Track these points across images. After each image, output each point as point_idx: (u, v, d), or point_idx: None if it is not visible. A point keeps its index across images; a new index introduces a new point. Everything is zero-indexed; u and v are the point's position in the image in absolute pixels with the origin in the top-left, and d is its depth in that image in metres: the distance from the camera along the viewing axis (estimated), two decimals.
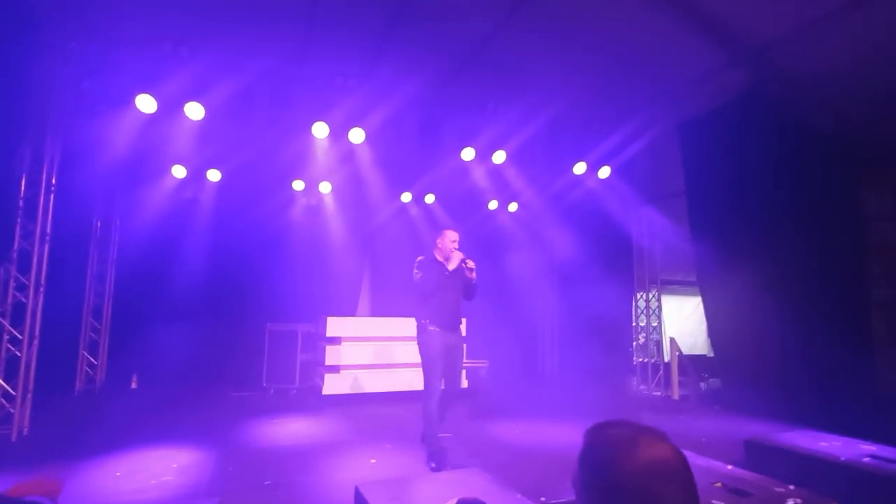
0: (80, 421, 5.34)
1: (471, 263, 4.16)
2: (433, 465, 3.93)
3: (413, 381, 6.68)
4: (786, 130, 5.54)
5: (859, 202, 5.49)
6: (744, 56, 5.31)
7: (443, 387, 4.22)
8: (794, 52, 5.02)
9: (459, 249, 4.25)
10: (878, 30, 4.42)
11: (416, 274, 4.13)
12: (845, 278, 5.29)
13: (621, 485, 0.85)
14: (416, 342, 4.19)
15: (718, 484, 2.82)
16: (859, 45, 4.67)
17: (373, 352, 6.85)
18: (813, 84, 5.38)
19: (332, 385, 6.59)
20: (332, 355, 6.67)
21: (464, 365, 7.23)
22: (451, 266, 4.14)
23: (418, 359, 4.16)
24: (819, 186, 5.41)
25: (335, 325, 6.79)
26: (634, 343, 8.40)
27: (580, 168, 7.09)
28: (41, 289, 4.85)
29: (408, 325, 6.86)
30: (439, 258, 4.24)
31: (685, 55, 5.44)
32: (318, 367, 6.97)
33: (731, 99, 5.85)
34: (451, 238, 4.23)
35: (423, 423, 4.11)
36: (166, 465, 3.93)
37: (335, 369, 6.67)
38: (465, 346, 4.37)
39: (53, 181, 5.02)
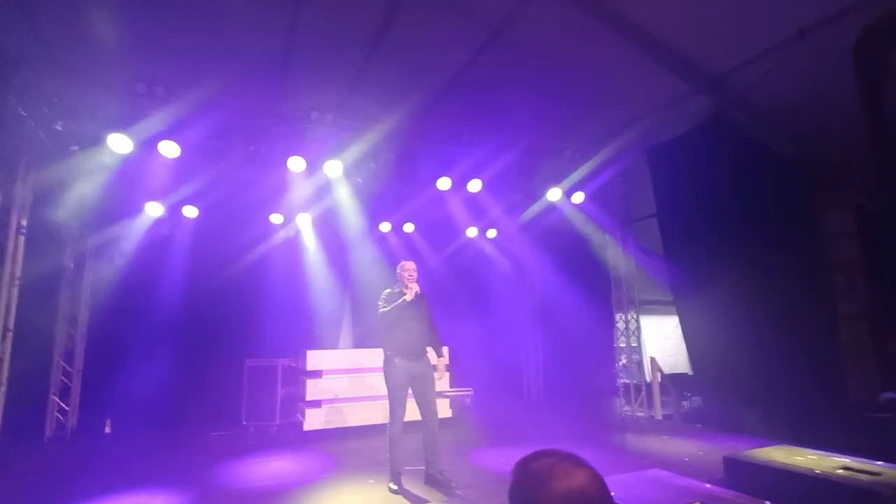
0: (50, 468, 5.13)
1: (414, 288, 4.30)
2: (393, 486, 4.15)
3: None
4: (749, 154, 5.79)
5: (820, 221, 5.74)
6: (704, 85, 5.60)
7: (420, 417, 4.29)
8: (750, 80, 5.31)
9: (421, 279, 4.44)
10: (824, 60, 4.72)
11: (380, 307, 4.33)
12: (812, 294, 5.47)
13: None
14: None
15: (697, 503, 2.85)
16: (808, 74, 4.96)
17: (356, 384, 6.76)
18: (771, 110, 5.67)
19: (315, 420, 6.47)
20: (313, 389, 6.57)
21: (447, 393, 7.22)
22: (408, 297, 4.27)
23: None
24: (782, 207, 5.64)
25: (316, 359, 6.71)
26: (617, 364, 8.46)
27: (555, 194, 7.26)
28: (9, 333, 4.72)
29: None
30: (403, 290, 4.40)
31: (650, 85, 5.71)
32: (299, 403, 6.85)
33: (697, 125, 6.11)
34: (405, 269, 4.40)
35: (388, 449, 4.25)
36: None
37: (317, 404, 6.56)
38: (436, 373, 4.45)
39: (24, 223, 4.95)
